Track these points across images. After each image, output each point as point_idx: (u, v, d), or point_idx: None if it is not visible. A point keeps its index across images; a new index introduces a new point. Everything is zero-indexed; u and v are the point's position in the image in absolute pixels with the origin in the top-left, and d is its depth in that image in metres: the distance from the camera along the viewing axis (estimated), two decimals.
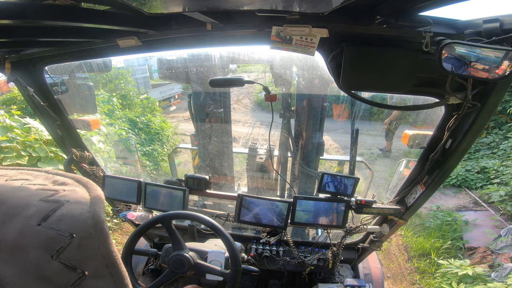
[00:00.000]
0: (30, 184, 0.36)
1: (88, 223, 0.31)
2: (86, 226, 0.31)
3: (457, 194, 5.17)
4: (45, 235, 0.29)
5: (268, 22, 0.94)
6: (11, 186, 0.34)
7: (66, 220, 0.31)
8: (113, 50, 1.24)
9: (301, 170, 2.63)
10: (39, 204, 0.31)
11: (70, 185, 0.37)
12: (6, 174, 0.39)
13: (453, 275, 3.20)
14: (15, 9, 0.72)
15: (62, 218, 0.31)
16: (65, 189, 0.35)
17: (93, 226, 0.31)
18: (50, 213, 0.31)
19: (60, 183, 0.37)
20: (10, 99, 4.78)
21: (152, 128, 6.27)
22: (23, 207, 0.31)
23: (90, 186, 0.37)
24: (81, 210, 0.32)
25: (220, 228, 1.32)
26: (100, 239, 0.32)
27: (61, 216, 0.31)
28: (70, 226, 0.30)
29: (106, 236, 0.33)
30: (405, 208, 1.45)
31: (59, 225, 0.30)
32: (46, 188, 0.35)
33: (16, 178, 0.37)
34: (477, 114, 0.96)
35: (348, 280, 1.75)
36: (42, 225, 0.30)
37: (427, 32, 0.80)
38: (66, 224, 0.30)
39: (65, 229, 0.30)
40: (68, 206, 0.32)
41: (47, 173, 0.40)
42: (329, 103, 4.45)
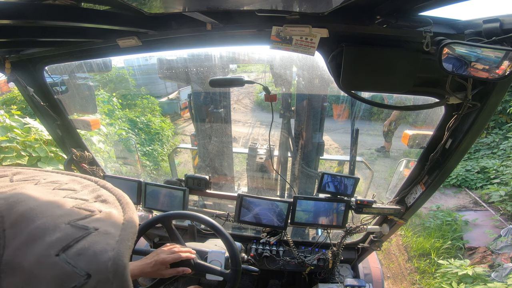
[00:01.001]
0: (73, 198, 0.34)
1: (109, 265, 0.28)
2: (106, 269, 0.28)
3: (457, 194, 5.17)
4: (61, 269, 0.27)
5: (268, 22, 0.94)
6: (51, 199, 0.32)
7: (85, 255, 0.28)
8: (113, 50, 1.24)
9: (301, 170, 2.63)
10: (65, 229, 0.29)
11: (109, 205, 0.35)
12: (58, 180, 0.37)
13: (453, 275, 3.20)
14: (15, 9, 0.72)
15: (82, 253, 0.28)
16: (101, 210, 0.33)
17: (113, 270, 0.28)
18: (72, 243, 0.28)
19: (102, 199, 0.35)
20: (10, 99, 4.79)
21: (152, 128, 6.27)
22: (49, 230, 0.29)
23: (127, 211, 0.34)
24: (105, 247, 0.29)
25: (220, 228, 1.32)
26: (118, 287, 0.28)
27: (82, 250, 0.28)
28: (88, 265, 0.27)
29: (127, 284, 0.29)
30: (405, 208, 1.45)
31: (77, 260, 0.27)
32: (83, 206, 0.33)
33: (65, 187, 0.36)
34: (477, 114, 0.96)
35: (348, 280, 1.75)
36: (60, 256, 0.27)
37: (427, 32, 0.80)
38: (84, 261, 0.27)
39: (82, 267, 0.27)
40: (94, 237, 0.29)
41: (96, 184, 0.38)
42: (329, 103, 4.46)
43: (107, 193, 0.37)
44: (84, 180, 0.39)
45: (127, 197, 0.38)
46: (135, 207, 1.76)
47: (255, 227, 1.83)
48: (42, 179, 0.37)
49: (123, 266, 0.29)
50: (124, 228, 0.32)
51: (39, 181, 0.36)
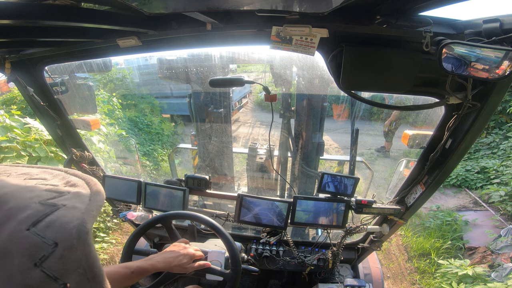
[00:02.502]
0: (43, 184, 0.36)
1: (73, 232, 0.30)
2: (70, 236, 0.30)
3: (457, 194, 5.17)
4: (31, 241, 0.29)
5: (268, 22, 0.94)
6: (23, 185, 0.35)
7: (53, 227, 0.30)
8: (113, 50, 1.24)
9: (301, 170, 2.63)
10: (35, 207, 0.31)
11: (78, 187, 0.37)
12: (29, 172, 0.39)
13: (453, 275, 3.20)
14: (15, 9, 0.72)
15: (50, 225, 0.30)
16: (70, 191, 0.35)
17: (76, 236, 0.30)
18: (41, 218, 0.30)
19: (71, 184, 0.37)
20: (10, 99, 4.78)
21: (153, 128, 6.27)
22: (21, 209, 0.31)
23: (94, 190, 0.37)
24: (71, 218, 0.31)
25: (220, 228, 1.32)
26: (82, 251, 0.31)
27: (50, 222, 0.30)
28: (55, 234, 0.30)
29: (89, 248, 0.31)
30: (405, 208, 1.45)
31: (45, 232, 0.30)
32: (54, 189, 0.35)
33: (36, 177, 0.38)
34: (477, 114, 0.96)
35: (348, 280, 1.75)
36: (30, 230, 0.29)
37: (427, 32, 0.80)
38: (52, 231, 0.30)
39: (50, 237, 0.29)
40: (62, 212, 0.31)
41: (66, 173, 0.40)
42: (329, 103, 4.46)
43: (76, 179, 0.39)
44: (54, 171, 0.41)
45: (96, 180, 0.40)
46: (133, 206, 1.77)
47: (255, 227, 1.83)
48: (13, 172, 0.39)
49: (85, 232, 0.31)
50: (90, 203, 0.34)
51: (10, 174, 0.38)
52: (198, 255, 1.25)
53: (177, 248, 1.23)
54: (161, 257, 1.16)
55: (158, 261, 1.14)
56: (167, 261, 1.15)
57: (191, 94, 2.79)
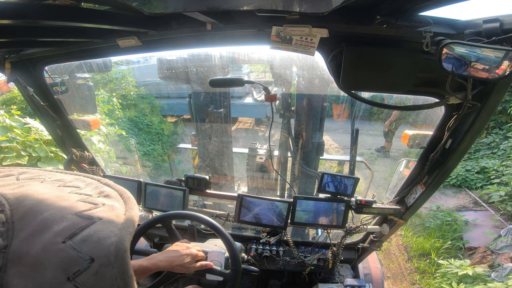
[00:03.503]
0: (77, 193, 0.36)
1: (111, 249, 0.30)
2: (108, 253, 0.30)
3: (457, 194, 5.16)
4: (66, 254, 0.28)
5: (268, 22, 0.94)
6: (58, 194, 0.34)
7: (90, 242, 0.29)
8: (113, 50, 1.24)
9: (301, 170, 2.63)
10: (71, 219, 0.31)
11: (112, 199, 0.36)
12: (63, 179, 0.39)
13: (453, 275, 3.20)
14: (15, 9, 0.72)
15: (87, 239, 0.30)
16: (104, 203, 0.35)
17: (114, 253, 0.30)
18: (78, 231, 0.30)
19: (104, 195, 0.37)
20: (10, 99, 4.78)
21: (153, 128, 6.27)
22: (57, 220, 0.30)
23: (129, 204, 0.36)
24: (108, 233, 0.31)
25: (220, 228, 1.32)
26: (119, 269, 0.30)
27: (87, 236, 0.30)
28: (92, 250, 0.29)
29: (126, 267, 0.31)
30: (405, 208, 1.45)
31: (82, 246, 0.29)
32: (88, 200, 0.35)
33: (70, 184, 0.38)
34: (477, 114, 0.96)
35: (348, 280, 1.75)
36: (66, 243, 0.29)
37: (427, 32, 0.80)
38: (89, 246, 0.29)
39: (86, 252, 0.29)
40: (98, 226, 0.31)
41: (99, 182, 0.40)
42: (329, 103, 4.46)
43: (110, 189, 0.39)
44: (87, 179, 0.41)
45: (129, 192, 0.40)
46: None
47: (255, 227, 1.83)
48: (47, 177, 0.39)
49: (123, 250, 0.30)
50: (126, 218, 0.34)
51: (44, 179, 0.38)
52: (200, 255, 1.25)
53: (180, 247, 1.23)
54: (163, 256, 1.16)
55: (160, 260, 1.13)
56: (169, 260, 1.15)
57: (191, 94, 2.79)
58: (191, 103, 2.84)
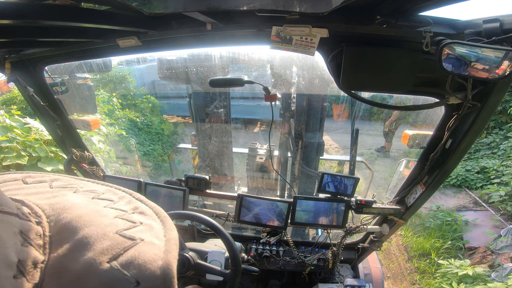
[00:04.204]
0: (113, 208, 0.35)
1: (158, 274, 0.28)
2: (155, 278, 0.28)
3: (457, 194, 5.16)
4: (111, 275, 0.27)
5: (268, 22, 0.94)
6: (94, 208, 0.33)
7: (135, 264, 0.28)
8: (113, 50, 1.24)
9: (301, 170, 2.63)
10: (114, 238, 0.30)
11: (148, 217, 0.35)
12: (95, 190, 0.38)
13: (453, 275, 3.20)
14: (15, 9, 0.72)
15: (132, 261, 0.28)
16: (142, 222, 0.34)
17: (161, 278, 0.28)
18: (122, 251, 0.29)
19: (139, 211, 0.36)
20: (10, 99, 4.78)
21: (153, 128, 6.27)
22: (99, 238, 0.29)
23: (167, 224, 0.35)
24: (153, 256, 0.29)
25: (220, 228, 1.32)
26: None
27: (132, 258, 0.28)
28: (138, 272, 0.28)
29: None
30: (405, 208, 1.45)
31: (128, 268, 0.28)
32: (125, 217, 0.34)
33: (103, 197, 0.37)
34: (477, 114, 0.97)
35: (348, 280, 1.75)
36: (111, 264, 0.28)
37: (427, 32, 0.80)
38: (134, 268, 0.28)
39: (132, 275, 0.28)
40: (141, 247, 0.30)
41: (131, 196, 0.39)
42: (329, 103, 4.45)
43: (144, 206, 0.38)
44: (119, 191, 0.40)
45: (163, 212, 0.38)
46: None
47: (255, 227, 1.83)
48: (79, 187, 0.38)
49: (172, 275, 0.29)
50: (168, 240, 0.33)
51: (77, 189, 0.37)
52: None
53: None
54: None
55: None
56: None
57: (191, 94, 2.79)
58: (191, 103, 2.84)
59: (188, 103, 2.91)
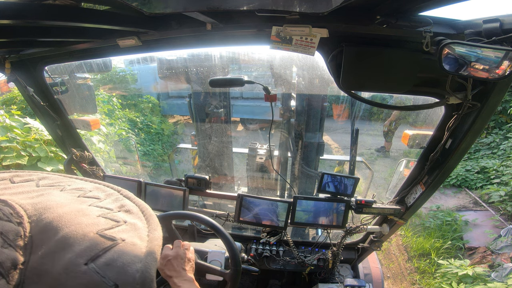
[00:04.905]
0: (97, 206, 0.34)
1: (136, 277, 0.28)
2: (133, 281, 0.28)
3: (457, 194, 5.16)
4: (89, 278, 0.27)
5: (268, 22, 0.94)
6: (78, 207, 0.33)
7: (114, 266, 0.28)
8: (113, 50, 1.24)
9: (301, 170, 2.63)
10: (94, 239, 0.29)
11: (133, 216, 0.35)
12: (83, 187, 0.38)
13: (453, 275, 3.20)
14: (15, 9, 0.72)
15: (110, 263, 0.28)
16: (126, 221, 0.33)
17: (140, 282, 0.28)
18: (101, 252, 0.28)
19: (125, 210, 0.36)
20: (10, 99, 4.78)
21: (153, 128, 6.27)
22: (78, 240, 0.29)
23: (152, 224, 0.35)
24: (132, 259, 0.29)
25: (220, 228, 1.32)
26: None
27: (111, 260, 0.28)
28: (116, 275, 0.28)
29: None
30: (405, 208, 1.45)
31: (105, 270, 0.28)
32: (108, 216, 0.33)
33: (90, 195, 0.37)
34: (477, 114, 0.97)
35: (348, 280, 1.75)
36: (89, 265, 0.27)
37: (427, 32, 0.80)
38: (113, 271, 0.28)
39: (110, 277, 0.27)
40: (121, 248, 0.30)
41: (119, 193, 0.39)
42: (329, 103, 4.45)
43: (130, 203, 0.37)
44: (107, 189, 0.39)
45: (150, 209, 0.38)
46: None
47: (255, 227, 1.83)
48: (67, 185, 0.38)
49: (150, 279, 0.29)
50: (150, 240, 0.32)
51: (64, 188, 0.37)
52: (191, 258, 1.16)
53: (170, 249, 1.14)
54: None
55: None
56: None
57: (191, 94, 2.79)
58: (191, 103, 2.84)
59: (188, 103, 2.91)
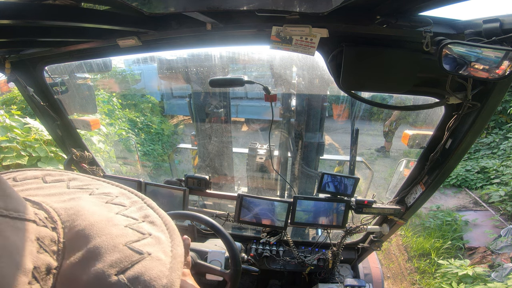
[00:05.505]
0: (124, 215, 0.36)
1: None
2: None
3: (457, 194, 5.16)
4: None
5: (268, 22, 0.94)
6: (107, 216, 0.34)
7: (141, 280, 0.29)
8: (113, 50, 1.24)
9: (301, 170, 2.63)
10: (123, 251, 0.31)
11: (157, 228, 0.36)
12: (110, 192, 0.39)
13: (453, 275, 3.20)
14: (15, 9, 0.72)
15: (138, 276, 0.29)
16: (151, 234, 0.34)
17: None
18: (130, 265, 0.30)
19: (149, 221, 0.37)
20: (10, 99, 4.78)
21: (153, 128, 6.27)
22: (109, 250, 0.30)
23: (175, 239, 0.36)
24: (159, 273, 0.31)
25: (220, 228, 1.32)
26: None
27: (139, 273, 0.30)
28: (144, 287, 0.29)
29: None
30: (405, 208, 1.45)
31: (134, 282, 0.29)
32: (134, 227, 0.34)
33: (116, 201, 0.38)
34: (477, 114, 0.96)
35: (348, 280, 1.75)
36: (118, 277, 0.28)
37: (427, 32, 0.80)
38: (140, 284, 0.29)
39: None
40: (148, 263, 0.31)
41: (143, 201, 0.40)
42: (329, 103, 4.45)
43: (154, 214, 0.39)
44: (132, 195, 0.41)
45: (172, 222, 0.39)
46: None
47: (255, 227, 1.83)
48: (95, 188, 0.39)
49: None
50: (173, 257, 0.34)
51: (93, 191, 0.38)
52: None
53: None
54: None
55: None
56: None
57: (191, 94, 2.79)
58: (191, 103, 2.85)
59: (188, 103, 2.91)
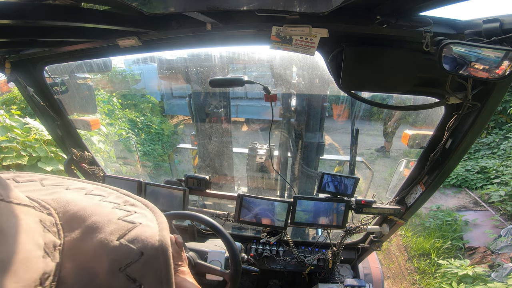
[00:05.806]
0: (107, 201, 0.40)
1: (156, 245, 0.36)
2: (155, 248, 0.36)
3: (457, 194, 5.16)
4: (121, 250, 0.34)
5: (268, 22, 0.94)
6: (93, 201, 0.39)
7: (139, 239, 0.35)
8: (113, 50, 1.24)
9: (301, 170, 2.63)
10: (118, 223, 0.36)
11: (139, 208, 0.41)
12: (85, 187, 0.43)
13: (453, 275, 3.20)
14: (15, 9, 0.72)
15: (137, 237, 0.35)
16: (136, 211, 0.40)
17: (160, 248, 0.36)
18: (127, 232, 0.35)
19: (130, 204, 0.42)
20: (10, 99, 4.78)
21: (153, 128, 6.27)
22: (105, 224, 0.35)
23: (156, 213, 0.42)
24: (151, 234, 0.37)
25: (220, 228, 1.32)
26: (163, 260, 0.36)
27: (136, 235, 0.36)
28: (142, 246, 0.35)
29: (168, 259, 0.37)
30: (405, 208, 1.45)
31: (134, 242, 0.35)
32: (120, 207, 0.40)
33: (94, 193, 0.42)
34: (477, 114, 0.97)
35: (348, 280, 1.75)
36: (120, 241, 0.34)
37: (427, 32, 0.80)
38: (139, 242, 0.35)
39: (138, 247, 0.35)
40: (141, 228, 0.37)
41: (118, 192, 0.44)
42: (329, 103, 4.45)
43: (132, 199, 0.43)
44: (106, 188, 0.44)
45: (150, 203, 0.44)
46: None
47: (255, 227, 1.83)
48: (69, 185, 0.43)
49: (168, 246, 0.37)
50: (160, 223, 0.40)
51: (68, 187, 0.42)
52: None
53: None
54: None
55: None
56: None
57: (191, 94, 2.79)
58: (191, 103, 2.85)
59: (188, 103, 2.91)
